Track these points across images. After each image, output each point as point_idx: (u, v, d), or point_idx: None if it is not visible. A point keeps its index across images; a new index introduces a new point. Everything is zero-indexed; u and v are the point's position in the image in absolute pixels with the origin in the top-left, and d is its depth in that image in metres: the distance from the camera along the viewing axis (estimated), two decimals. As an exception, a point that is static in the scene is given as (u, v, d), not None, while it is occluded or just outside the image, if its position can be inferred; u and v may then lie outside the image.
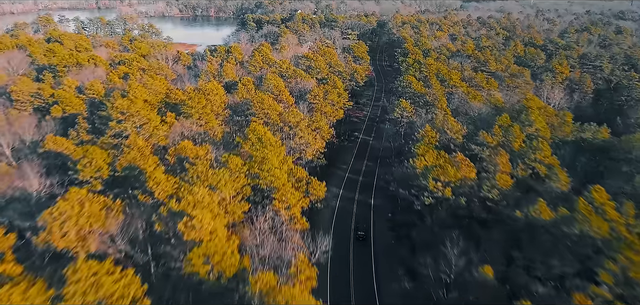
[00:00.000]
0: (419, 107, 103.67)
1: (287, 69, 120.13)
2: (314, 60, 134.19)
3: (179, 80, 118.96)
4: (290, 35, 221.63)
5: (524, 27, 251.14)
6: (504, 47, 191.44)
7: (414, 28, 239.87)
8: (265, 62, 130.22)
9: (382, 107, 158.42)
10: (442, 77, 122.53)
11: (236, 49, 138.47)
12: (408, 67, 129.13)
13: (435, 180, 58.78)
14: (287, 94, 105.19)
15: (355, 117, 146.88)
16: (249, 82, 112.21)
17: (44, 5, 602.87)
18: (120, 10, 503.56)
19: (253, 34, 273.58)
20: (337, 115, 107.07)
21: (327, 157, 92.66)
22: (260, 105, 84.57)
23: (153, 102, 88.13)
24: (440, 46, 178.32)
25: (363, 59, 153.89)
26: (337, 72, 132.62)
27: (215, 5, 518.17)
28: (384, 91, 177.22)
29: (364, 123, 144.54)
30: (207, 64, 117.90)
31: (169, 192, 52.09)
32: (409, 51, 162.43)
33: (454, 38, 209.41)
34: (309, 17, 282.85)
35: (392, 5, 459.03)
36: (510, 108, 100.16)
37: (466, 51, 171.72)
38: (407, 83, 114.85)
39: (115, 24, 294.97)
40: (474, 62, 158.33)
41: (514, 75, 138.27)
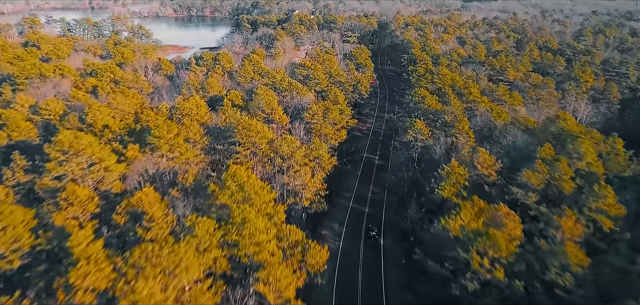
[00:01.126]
0: (435, 128, 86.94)
1: (281, 80, 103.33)
2: (312, 70, 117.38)
3: (157, 93, 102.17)
4: (287, 38, 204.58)
5: (535, 29, 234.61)
6: (518, 51, 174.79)
7: (418, 30, 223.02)
8: (257, 72, 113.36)
9: (388, 120, 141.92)
10: (458, 90, 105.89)
11: (224, 57, 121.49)
12: (419, 77, 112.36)
13: (480, 253, 42.23)
14: (281, 112, 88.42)
15: (358, 130, 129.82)
16: (237, 97, 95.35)
17: (36, 5, 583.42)
18: (112, 11, 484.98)
19: (248, 35, 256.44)
20: (339, 136, 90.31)
21: (326, 180, 76.34)
22: (245, 132, 67.78)
23: (117, 127, 71.12)
24: (450, 51, 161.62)
25: (366, 67, 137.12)
26: (338, 82, 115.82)
27: (211, 5, 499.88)
28: (389, 100, 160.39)
29: (368, 138, 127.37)
30: (188, 76, 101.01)
31: (100, 288, 35.25)
32: (417, 57, 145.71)
33: (463, 42, 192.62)
34: (306, 18, 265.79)
35: (392, 5, 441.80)
36: (545, 131, 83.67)
37: (478, 57, 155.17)
38: (420, 98, 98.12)
39: (102, 26, 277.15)
40: (488, 70, 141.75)
41: (536, 85, 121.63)
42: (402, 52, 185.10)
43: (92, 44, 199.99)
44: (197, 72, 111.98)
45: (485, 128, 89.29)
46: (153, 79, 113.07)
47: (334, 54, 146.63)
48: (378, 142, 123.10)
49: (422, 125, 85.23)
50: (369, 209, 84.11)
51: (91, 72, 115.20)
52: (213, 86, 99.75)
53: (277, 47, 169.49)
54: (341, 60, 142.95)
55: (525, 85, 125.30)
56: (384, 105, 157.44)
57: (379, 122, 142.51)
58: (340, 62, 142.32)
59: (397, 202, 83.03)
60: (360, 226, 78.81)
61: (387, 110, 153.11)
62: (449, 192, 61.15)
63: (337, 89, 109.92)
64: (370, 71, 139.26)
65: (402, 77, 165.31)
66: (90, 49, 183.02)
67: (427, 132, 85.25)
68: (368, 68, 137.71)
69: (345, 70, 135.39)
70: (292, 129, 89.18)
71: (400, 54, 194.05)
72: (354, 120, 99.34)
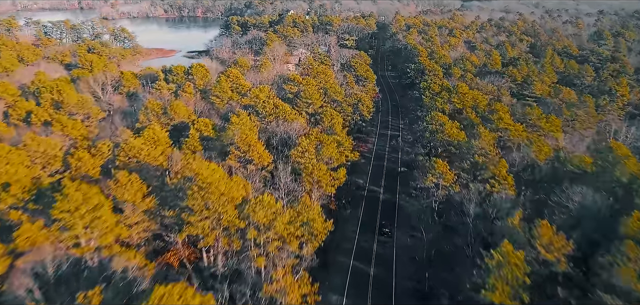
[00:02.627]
0: (462, 170, 65.51)
1: (264, 102, 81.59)
2: (304, 86, 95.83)
3: (108, 121, 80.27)
4: (278, 43, 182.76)
5: (547, 32, 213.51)
6: (536, 58, 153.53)
7: (422, 33, 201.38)
8: (236, 91, 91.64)
9: (392, 138, 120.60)
10: (482, 112, 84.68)
11: (198, 70, 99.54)
12: (433, 96, 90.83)
13: None
14: (261, 149, 66.78)
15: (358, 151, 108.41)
16: (206, 126, 73.67)
17: (23, 5, 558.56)
18: (100, 12, 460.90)
19: (237, 38, 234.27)
20: (338, 179, 68.59)
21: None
22: (201, 196, 46.13)
23: (19, 190, 49.07)
24: (461, 58, 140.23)
25: (368, 79, 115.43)
26: (334, 102, 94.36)
27: (203, 6, 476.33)
28: (392, 113, 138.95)
29: (370, 162, 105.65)
30: (149, 98, 78.93)
31: None
32: (426, 67, 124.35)
33: (473, 47, 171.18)
34: (300, 20, 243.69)
35: (390, 4, 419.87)
36: (604, 175, 62.52)
37: (495, 65, 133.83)
38: (438, 125, 76.83)
39: (82, 29, 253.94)
40: (509, 82, 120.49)
41: (571, 103, 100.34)
42: (406, 59, 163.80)
43: (61, 51, 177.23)
44: (163, 90, 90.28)
45: (526, 168, 68.09)
46: (110, 99, 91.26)
47: (330, 65, 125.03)
48: (382, 168, 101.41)
49: (445, 168, 63.84)
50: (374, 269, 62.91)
51: (36, 90, 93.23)
52: (178, 111, 77.98)
53: (266, 55, 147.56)
54: (338, 72, 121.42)
55: (555, 102, 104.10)
56: (387, 120, 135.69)
57: (382, 141, 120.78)
58: (336, 74, 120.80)
59: (413, 287, 60.73)
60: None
61: (391, 126, 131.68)
62: (501, 296, 39.95)
63: (334, 110, 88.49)
64: (372, 84, 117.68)
65: (405, 86, 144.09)
66: (56, 56, 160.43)
67: (451, 177, 63.92)
68: (369, 81, 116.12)
69: (343, 84, 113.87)
70: (275, 171, 67.65)
71: (403, 60, 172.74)
72: (355, 153, 77.75)
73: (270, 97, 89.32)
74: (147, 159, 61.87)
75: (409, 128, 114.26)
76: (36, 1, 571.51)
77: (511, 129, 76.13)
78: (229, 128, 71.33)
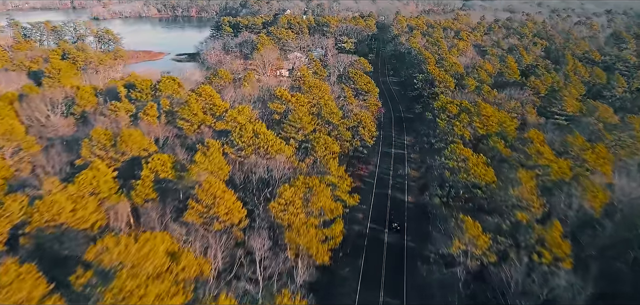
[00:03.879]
0: (499, 234, 48.14)
1: (241, 130, 64.14)
2: (294, 105, 78.61)
3: (44, 154, 62.63)
4: (270, 47, 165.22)
5: (561, 34, 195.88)
6: (553, 64, 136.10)
7: (426, 35, 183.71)
8: (210, 113, 74.19)
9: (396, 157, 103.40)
10: (512, 142, 67.46)
11: (168, 85, 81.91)
12: (450, 119, 73.34)
13: None
14: (230, 201, 49.58)
15: (358, 176, 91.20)
16: (164, 166, 56.42)
17: (15, 5, 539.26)
18: (91, 12, 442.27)
19: (229, 40, 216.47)
20: (333, 236, 51.26)
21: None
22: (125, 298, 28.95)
23: None
24: (474, 66, 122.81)
25: (369, 93, 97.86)
26: (329, 124, 77.03)
27: (197, 5, 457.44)
28: (395, 126, 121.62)
29: (371, 191, 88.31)
30: (94, 130, 60.99)
31: None
32: (435, 77, 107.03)
33: (484, 51, 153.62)
34: (296, 21, 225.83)
35: (390, 4, 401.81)
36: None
37: (512, 75, 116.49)
38: (459, 160, 59.63)
39: (63, 31, 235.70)
40: (531, 95, 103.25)
41: (609, 124, 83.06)
42: (410, 65, 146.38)
43: (32, 56, 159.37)
44: (120, 112, 72.79)
45: (583, 225, 50.92)
46: (58, 122, 73.61)
47: (325, 76, 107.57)
48: (386, 199, 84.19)
49: (476, 231, 46.57)
50: None
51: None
52: (132, 142, 60.60)
53: (255, 61, 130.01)
54: (335, 83, 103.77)
55: (591, 122, 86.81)
56: (391, 135, 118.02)
57: (385, 162, 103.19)
58: (333, 85, 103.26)
59: None
60: None
61: (395, 142, 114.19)
62: None
63: (328, 137, 71.21)
64: (374, 98, 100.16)
65: (412, 98, 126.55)
66: (23, 63, 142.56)
67: (486, 241, 46.67)
68: (371, 94, 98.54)
69: (341, 98, 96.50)
70: (252, 233, 50.37)
71: (406, 66, 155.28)
72: (355, 197, 60.39)
73: (251, 120, 71.99)
74: (72, 221, 44.67)
75: (417, 148, 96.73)
76: (28, 1, 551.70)
77: (554, 167, 58.86)
78: (191, 169, 54.09)
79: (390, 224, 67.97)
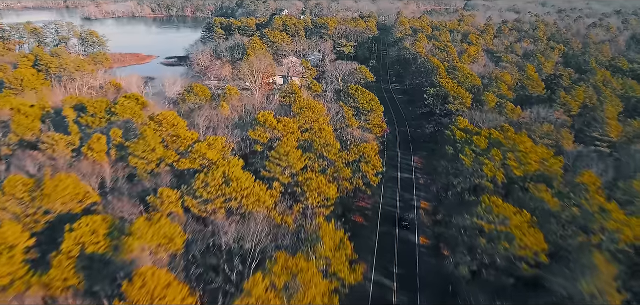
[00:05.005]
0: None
1: (206, 179, 47.84)
2: (281, 132, 62.49)
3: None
4: (262, 52, 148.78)
5: (577, 36, 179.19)
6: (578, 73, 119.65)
7: (433, 39, 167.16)
8: (173, 146, 57.77)
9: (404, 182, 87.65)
10: (558, 189, 51.21)
11: (127, 108, 65.37)
12: (477, 155, 56.88)
13: None
14: (178, 299, 33.44)
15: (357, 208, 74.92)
16: (96, 234, 40.43)
17: (6, 4, 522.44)
18: (82, 11, 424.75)
19: (219, 43, 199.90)
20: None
21: None
22: None
23: None
24: (491, 77, 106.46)
25: (373, 111, 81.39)
26: (323, 158, 60.71)
27: (192, 4, 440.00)
28: (401, 145, 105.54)
29: (376, 231, 72.32)
30: (7, 180, 44.48)
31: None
32: (449, 92, 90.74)
33: (497, 58, 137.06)
34: (291, 22, 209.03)
35: (390, 4, 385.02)
36: None
37: (536, 88, 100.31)
38: (497, 219, 43.49)
39: (44, 33, 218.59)
40: (562, 114, 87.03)
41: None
42: (418, 73, 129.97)
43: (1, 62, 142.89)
44: (58, 146, 56.32)
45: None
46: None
47: (321, 90, 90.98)
48: (393, 241, 68.47)
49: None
50: None
51: None
52: (59, 194, 44.56)
53: (242, 69, 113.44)
54: (332, 99, 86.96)
55: None
56: (396, 156, 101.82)
57: (391, 189, 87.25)
58: (330, 102, 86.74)
59: None
60: None
61: (402, 165, 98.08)
62: None
63: (322, 178, 54.98)
64: (379, 118, 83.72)
65: (422, 116, 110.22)
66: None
67: None
68: (376, 113, 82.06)
69: (340, 117, 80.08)
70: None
71: (412, 75, 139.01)
72: (358, 270, 44.21)
73: (224, 157, 55.81)
74: None
75: (434, 190, 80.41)
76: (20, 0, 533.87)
77: (625, 231, 42.72)
78: (126, 244, 37.95)
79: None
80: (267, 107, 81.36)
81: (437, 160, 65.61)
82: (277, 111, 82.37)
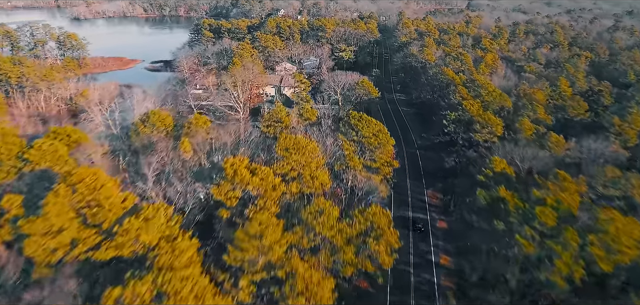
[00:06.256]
0: None
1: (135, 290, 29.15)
2: (259, 192, 43.60)
3: None
4: (250, 60, 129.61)
5: (600, 40, 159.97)
6: (617, 88, 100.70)
7: (442, 44, 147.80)
8: (92, 222, 38.69)
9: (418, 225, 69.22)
10: None
11: (46, 154, 46.64)
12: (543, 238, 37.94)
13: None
14: None
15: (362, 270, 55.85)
16: None
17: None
18: (71, 11, 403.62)
19: (208, 47, 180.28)
20: None
21: None
22: None
23: None
24: (520, 94, 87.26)
25: (381, 147, 62.18)
26: (316, 235, 41.64)
27: (186, 4, 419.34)
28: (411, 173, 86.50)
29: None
30: None
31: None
32: (474, 117, 71.72)
33: (519, 68, 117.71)
34: (286, 24, 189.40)
35: (391, 3, 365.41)
36: None
37: (578, 110, 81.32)
38: None
39: (17, 36, 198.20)
40: (617, 145, 68.10)
41: None
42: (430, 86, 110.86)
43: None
44: None
45: None
46: None
47: (315, 118, 71.45)
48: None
49: None
50: None
51: None
52: None
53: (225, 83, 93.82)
54: (328, 133, 66.89)
55: None
56: (405, 188, 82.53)
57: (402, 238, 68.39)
58: (326, 133, 67.50)
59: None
60: None
61: (413, 201, 79.03)
62: None
63: (314, 273, 36.11)
64: (388, 154, 64.45)
65: (439, 146, 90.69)
66: None
67: None
68: (384, 148, 62.88)
69: (338, 159, 61.04)
70: None
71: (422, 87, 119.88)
72: None
73: (168, 237, 36.86)
74: None
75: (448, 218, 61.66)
76: None
77: None
78: None
79: None
80: (246, 141, 62.28)
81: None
82: (259, 145, 63.27)
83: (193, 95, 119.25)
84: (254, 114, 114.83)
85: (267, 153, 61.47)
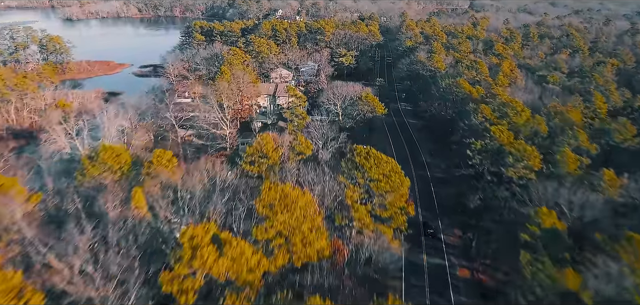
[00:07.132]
0: None
1: None
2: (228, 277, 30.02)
3: None
4: (240, 68, 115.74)
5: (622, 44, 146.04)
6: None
7: (451, 49, 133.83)
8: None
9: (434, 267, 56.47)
10: None
11: None
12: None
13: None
14: None
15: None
16: None
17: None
18: (64, 12, 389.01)
19: (199, 51, 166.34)
20: None
21: None
22: None
23: None
24: (551, 112, 73.49)
25: (389, 192, 48.64)
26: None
27: (181, 4, 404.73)
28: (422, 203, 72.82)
29: None
30: None
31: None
32: (505, 147, 58.09)
33: (541, 78, 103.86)
34: (282, 27, 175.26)
35: (392, 4, 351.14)
36: None
37: (625, 134, 67.63)
38: None
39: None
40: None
41: None
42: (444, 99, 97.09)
43: None
44: None
45: None
46: None
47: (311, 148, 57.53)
48: None
49: None
50: None
51: None
52: None
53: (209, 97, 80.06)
54: (329, 178, 52.42)
55: None
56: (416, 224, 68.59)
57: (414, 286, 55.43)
58: (324, 169, 53.78)
59: None
60: None
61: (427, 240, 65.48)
62: None
63: None
64: (402, 199, 50.72)
65: (462, 178, 76.76)
66: None
67: None
68: (398, 192, 49.22)
69: (340, 205, 47.45)
70: None
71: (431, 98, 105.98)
72: None
73: None
74: None
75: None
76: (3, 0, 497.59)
77: None
78: None
79: None
80: (223, 183, 48.45)
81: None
82: (239, 188, 49.48)
83: (177, 106, 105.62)
84: (244, 129, 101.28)
85: (250, 196, 47.87)
